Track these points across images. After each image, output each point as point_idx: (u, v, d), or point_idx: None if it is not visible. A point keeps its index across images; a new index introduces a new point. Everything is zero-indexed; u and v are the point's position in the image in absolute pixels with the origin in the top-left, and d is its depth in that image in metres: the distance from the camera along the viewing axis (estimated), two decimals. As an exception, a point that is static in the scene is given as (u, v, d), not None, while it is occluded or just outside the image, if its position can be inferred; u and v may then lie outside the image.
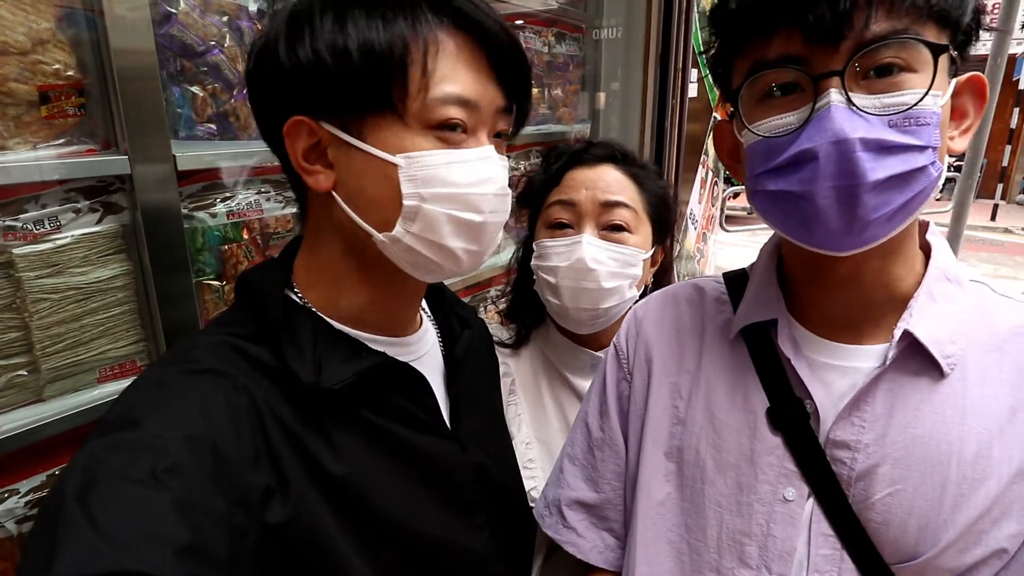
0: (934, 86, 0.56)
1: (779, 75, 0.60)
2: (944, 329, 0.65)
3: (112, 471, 0.50)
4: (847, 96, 0.56)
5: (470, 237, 0.68)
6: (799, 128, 0.58)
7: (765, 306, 0.74)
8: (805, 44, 0.57)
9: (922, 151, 0.57)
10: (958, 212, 3.71)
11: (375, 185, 0.64)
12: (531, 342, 1.24)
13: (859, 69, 0.57)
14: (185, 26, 1.00)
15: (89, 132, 0.92)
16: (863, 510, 0.65)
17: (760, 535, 0.70)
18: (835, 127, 0.56)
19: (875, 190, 0.56)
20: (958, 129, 0.63)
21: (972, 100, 0.63)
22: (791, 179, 0.60)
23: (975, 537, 0.62)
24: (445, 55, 0.63)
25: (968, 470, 0.62)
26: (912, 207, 0.59)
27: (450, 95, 0.63)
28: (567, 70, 2.11)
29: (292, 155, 0.66)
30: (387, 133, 0.63)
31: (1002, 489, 0.62)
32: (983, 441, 0.63)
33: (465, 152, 0.65)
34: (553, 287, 1.10)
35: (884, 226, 0.59)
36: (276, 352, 0.65)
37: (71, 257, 0.92)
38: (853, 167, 0.56)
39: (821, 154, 0.57)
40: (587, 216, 1.08)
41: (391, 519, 0.68)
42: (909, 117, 0.56)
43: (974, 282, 0.71)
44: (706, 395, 0.76)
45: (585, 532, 0.88)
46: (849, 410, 0.66)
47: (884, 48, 0.55)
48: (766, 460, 0.70)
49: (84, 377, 0.97)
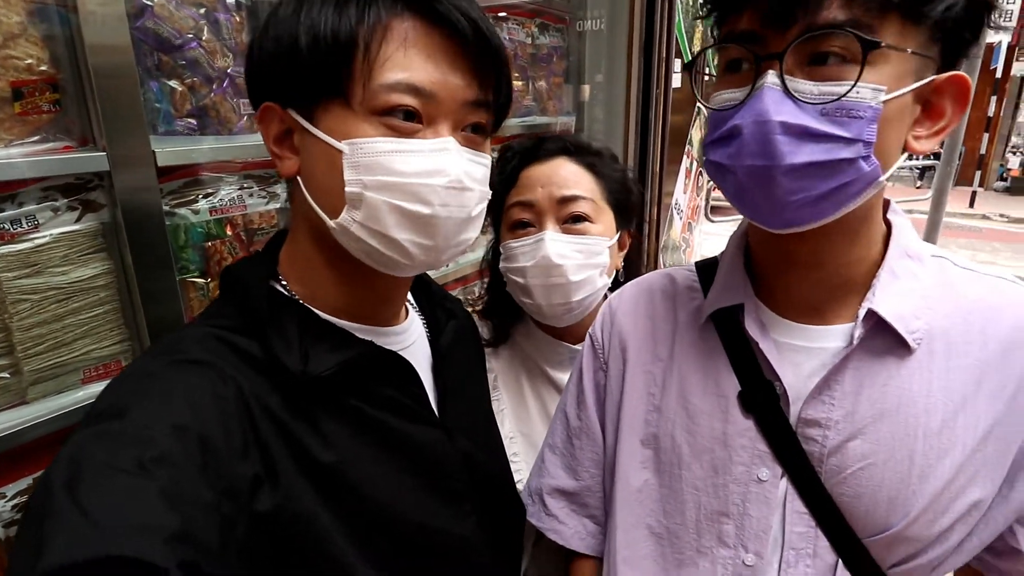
0: (880, 80, 0.57)
1: (735, 51, 0.62)
2: (908, 305, 0.66)
3: (99, 461, 0.50)
4: (782, 79, 0.57)
5: (419, 230, 0.66)
6: (739, 104, 0.60)
7: (732, 291, 0.75)
8: (761, 24, 0.59)
9: (849, 143, 0.57)
10: (937, 199, 3.77)
11: (324, 171, 0.64)
12: (511, 338, 1.25)
13: (806, 54, 0.58)
14: (161, 19, 0.98)
15: (65, 129, 0.91)
16: (835, 486, 0.67)
17: (737, 515, 0.71)
18: (761, 107, 0.58)
19: (791, 174, 0.58)
20: (931, 129, 0.63)
21: (953, 101, 0.62)
22: (724, 152, 0.62)
23: (943, 506, 0.64)
24: (394, 41, 0.62)
25: (934, 441, 0.64)
26: (842, 197, 0.60)
27: (397, 82, 0.62)
28: (551, 62, 2.11)
29: (265, 140, 0.68)
30: (336, 119, 0.63)
31: (966, 457, 0.64)
32: (948, 412, 0.65)
33: (414, 142, 0.64)
34: (524, 287, 1.10)
35: (808, 210, 0.60)
36: (263, 343, 0.65)
37: (50, 257, 0.90)
38: (771, 148, 0.57)
39: (745, 132, 0.59)
40: (546, 213, 1.08)
41: (380, 507, 0.69)
42: (841, 107, 0.57)
43: (935, 257, 0.72)
44: (679, 381, 0.78)
45: (566, 519, 0.89)
46: (819, 389, 0.68)
47: (830, 37, 0.56)
48: (739, 442, 0.72)
49: (68, 378, 0.96)
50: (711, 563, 0.73)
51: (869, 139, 0.57)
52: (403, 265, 0.68)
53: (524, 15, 1.97)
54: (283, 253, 0.74)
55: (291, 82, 0.64)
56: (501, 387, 1.22)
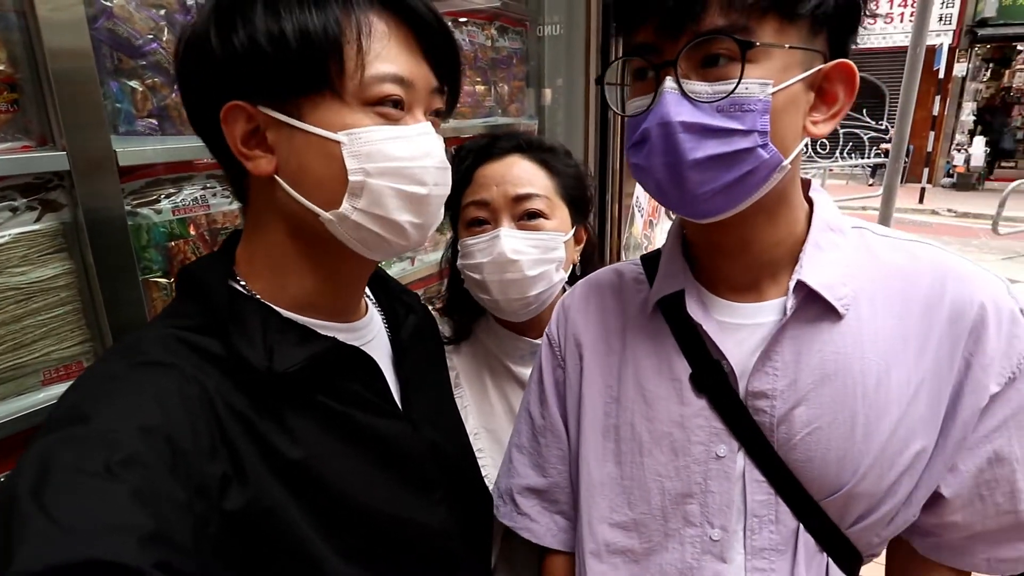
0: (765, 75, 0.62)
1: (637, 62, 0.68)
2: (833, 274, 0.71)
3: (65, 465, 0.50)
4: (679, 83, 0.63)
5: (416, 210, 0.70)
6: (646, 110, 0.65)
7: (673, 278, 0.79)
8: (656, 35, 0.64)
9: (746, 135, 0.63)
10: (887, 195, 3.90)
11: (319, 164, 0.66)
12: (472, 335, 1.27)
13: (698, 59, 0.63)
14: (121, 20, 0.98)
15: (23, 128, 0.90)
16: (787, 452, 0.71)
17: (700, 493, 0.74)
18: (663, 111, 0.63)
19: (696, 167, 0.63)
20: (827, 113, 0.69)
21: (843, 86, 0.68)
22: (639, 154, 0.67)
23: (889, 460, 0.68)
24: (378, 36, 0.66)
25: (872, 400, 0.69)
26: (749, 184, 0.65)
27: (387, 73, 0.66)
28: (511, 65, 2.14)
29: (231, 141, 0.66)
30: (327, 112, 0.65)
31: (904, 411, 0.68)
32: (882, 371, 0.69)
33: (406, 128, 0.68)
34: (480, 283, 1.12)
35: (720, 199, 0.66)
36: (225, 342, 0.65)
37: (9, 257, 0.90)
38: (675, 146, 0.63)
39: (653, 134, 0.64)
40: (501, 211, 1.10)
41: (350, 501, 0.69)
42: (734, 103, 0.62)
43: (856, 228, 0.77)
44: (634, 371, 0.80)
45: (538, 517, 0.91)
46: (762, 361, 0.72)
47: (714, 41, 0.62)
48: (695, 422, 0.75)
49: (27, 380, 0.94)
50: (679, 543, 0.76)
51: (764, 129, 0.63)
52: (396, 246, 0.72)
53: (483, 18, 2.00)
54: (240, 252, 0.74)
55: (271, 79, 0.64)
56: (464, 384, 1.22)
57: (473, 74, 1.97)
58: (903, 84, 3.64)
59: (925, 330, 0.70)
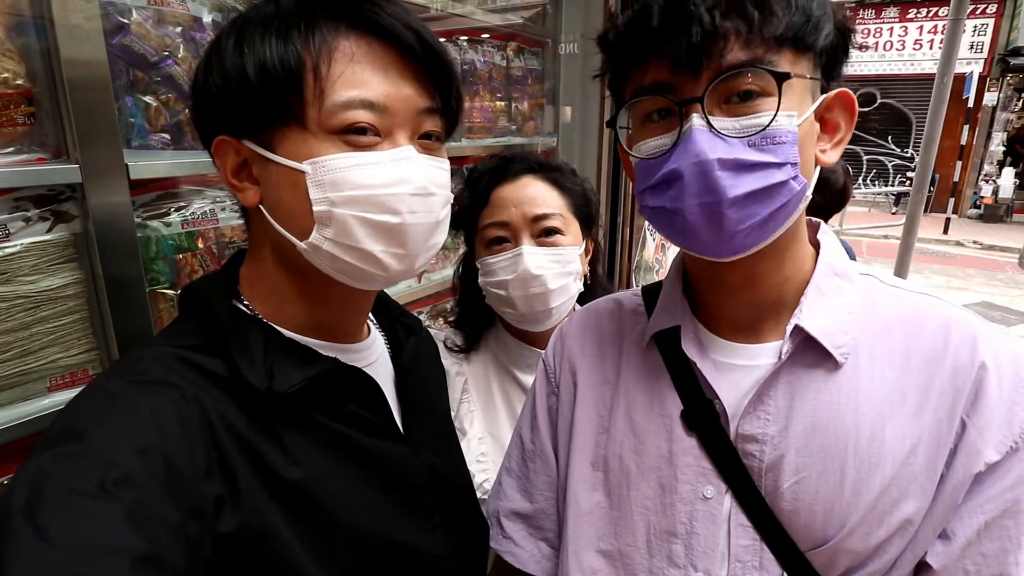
0: (789, 107, 0.61)
1: (652, 102, 0.65)
2: (834, 321, 0.69)
3: (60, 484, 0.50)
4: (707, 120, 0.61)
5: (390, 240, 0.67)
6: (670, 150, 0.63)
7: (671, 313, 0.78)
8: (671, 73, 0.62)
9: (780, 167, 0.61)
10: (909, 225, 3.86)
11: (288, 194, 0.65)
12: (482, 344, 1.32)
13: (720, 94, 0.62)
14: (138, 36, 1.00)
15: (40, 141, 0.93)
16: (774, 500, 0.69)
17: (684, 534, 0.73)
18: (696, 148, 0.61)
19: (735, 205, 0.61)
20: (831, 142, 0.69)
21: (843, 114, 0.68)
22: (664, 196, 0.64)
23: (878, 518, 0.66)
24: (342, 60, 0.64)
25: (864, 454, 0.66)
26: (780, 217, 0.64)
27: (352, 99, 0.64)
28: (526, 84, 2.16)
29: (222, 173, 0.68)
30: (294, 142, 0.64)
31: (897, 470, 0.66)
32: (876, 425, 0.67)
33: (376, 154, 0.65)
34: (505, 299, 1.18)
35: (754, 235, 0.64)
36: (227, 361, 0.65)
37: (20, 265, 0.92)
38: (713, 184, 0.61)
39: (685, 174, 0.62)
40: (521, 230, 1.16)
41: (347, 523, 0.69)
42: (766, 137, 0.61)
43: (864, 275, 0.75)
44: (626, 403, 0.79)
45: (522, 542, 0.90)
46: (753, 405, 0.70)
47: (739, 76, 0.61)
48: (684, 461, 0.73)
49: (34, 386, 0.96)
50: None
51: (795, 160, 0.62)
52: (379, 277, 0.70)
53: (499, 38, 2.02)
54: (243, 273, 0.75)
55: (243, 114, 0.65)
56: (472, 390, 1.27)
57: (488, 94, 1.98)
58: (930, 112, 3.61)
59: (925, 385, 0.67)
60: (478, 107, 1.94)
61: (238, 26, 0.66)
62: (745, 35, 0.60)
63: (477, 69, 1.91)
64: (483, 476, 1.15)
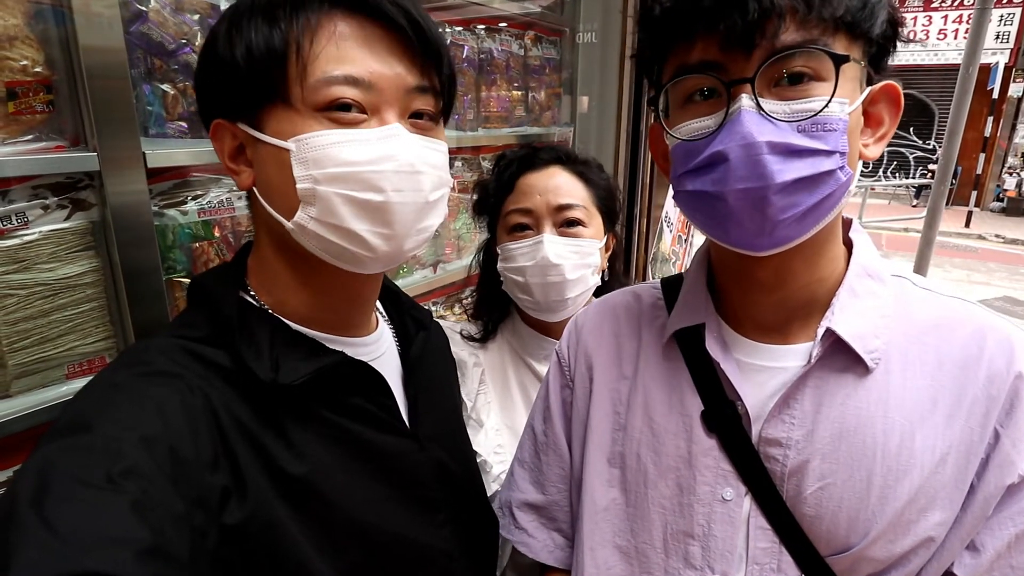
0: (842, 94, 0.59)
1: (697, 80, 0.63)
2: (866, 324, 0.67)
3: (66, 475, 0.50)
4: (757, 101, 0.58)
5: (375, 219, 0.66)
6: (715, 131, 0.61)
7: (694, 310, 0.76)
8: (721, 51, 0.60)
9: (829, 155, 0.59)
10: (931, 218, 3.80)
11: (275, 173, 0.66)
12: (498, 334, 1.33)
13: (771, 76, 0.59)
14: (156, 24, 1.00)
15: (58, 129, 0.93)
16: (796, 505, 0.68)
17: (702, 535, 0.72)
18: (744, 130, 0.58)
19: (782, 191, 0.58)
20: (873, 136, 0.66)
21: (888, 108, 0.65)
22: (706, 180, 0.62)
23: (903, 527, 0.64)
24: (326, 37, 0.63)
25: (892, 462, 0.65)
26: (823, 210, 0.61)
27: (334, 76, 0.63)
28: (543, 73, 2.14)
29: (220, 156, 0.69)
30: (280, 121, 0.64)
31: (925, 479, 0.64)
32: (906, 433, 0.65)
33: (361, 132, 0.65)
34: (523, 285, 1.19)
35: (795, 227, 0.61)
36: (232, 353, 0.65)
37: (39, 253, 0.92)
38: (761, 169, 0.58)
39: (732, 156, 0.59)
40: (544, 218, 1.17)
41: (352, 518, 0.69)
42: (816, 123, 0.58)
43: (896, 277, 0.73)
44: (644, 400, 0.78)
45: (535, 532, 0.90)
46: (779, 408, 0.68)
47: (793, 57, 0.58)
48: (703, 462, 0.72)
49: (52, 373, 0.97)
50: None
51: (844, 150, 0.60)
52: (366, 258, 0.68)
53: (517, 27, 2.00)
54: (250, 263, 0.75)
55: (234, 96, 0.66)
56: (488, 380, 1.27)
57: (505, 83, 1.96)
58: (953, 103, 3.54)
59: (958, 392, 0.65)
60: (495, 96, 1.93)
61: (231, 12, 0.66)
62: (803, 15, 0.57)
63: (495, 58, 1.89)
64: (500, 467, 1.15)
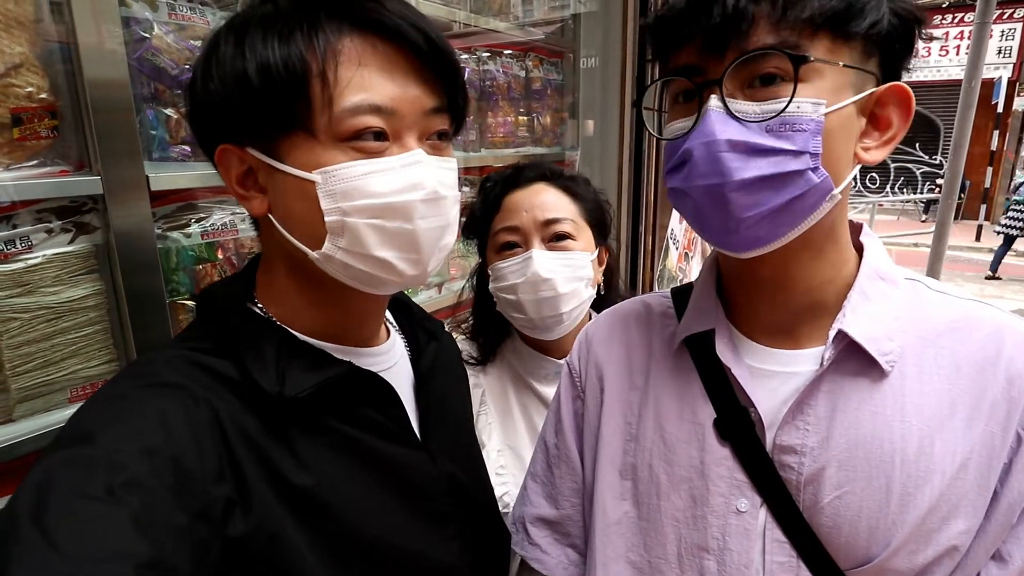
0: (818, 94, 0.59)
1: (677, 84, 0.65)
2: (880, 327, 0.66)
3: (66, 487, 0.49)
4: (724, 102, 0.60)
5: (404, 246, 0.66)
6: (689, 131, 0.62)
7: (704, 316, 0.75)
8: (698, 55, 0.62)
9: (797, 156, 0.59)
10: (939, 232, 3.78)
11: (299, 204, 0.64)
12: (498, 356, 1.31)
13: (743, 78, 0.60)
14: (159, 50, 1.02)
15: (62, 153, 0.94)
16: (813, 515, 0.65)
17: (717, 549, 0.69)
18: (707, 129, 0.60)
19: (742, 189, 0.59)
20: (879, 140, 0.65)
21: (897, 110, 0.64)
22: (678, 177, 0.64)
23: (925, 537, 0.62)
24: (349, 64, 0.61)
25: (912, 468, 0.63)
26: (796, 212, 0.61)
27: (360, 105, 0.61)
28: (544, 96, 2.16)
29: (227, 182, 0.67)
30: (302, 151, 0.62)
31: (946, 485, 0.62)
32: (924, 437, 0.63)
33: (386, 160, 0.63)
34: (515, 303, 1.17)
35: (765, 227, 0.62)
36: (239, 365, 0.64)
37: (42, 277, 0.93)
38: (719, 166, 0.59)
39: (695, 154, 0.61)
40: (532, 234, 1.16)
41: (360, 531, 0.67)
42: (784, 123, 0.59)
43: (909, 280, 0.72)
44: (656, 410, 0.77)
45: (549, 548, 0.88)
46: (792, 414, 0.67)
47: (763, 59, 0.59)
48: (716, 472, 0.70)
49: (55, 397, 0.97)
50: None
51: (815, 151, 0.59)
52: (392, 283, 0.68)
53: (519, 50, 2.03)
54: (259, 278, 0.74)
55: (247, 122, 0.63)
56: (489, 402, 1.25)
57: (509, 106, 1.98)
58: (957, 118, 3.55)
59: (976, 395, 0.64)
60: (500, 121, 1.94)
61: (236, 28, 0.63)
62: (776, 18, 0.58)
63: (496, 80, 1.91)
64: (503, 489, 1.13)
